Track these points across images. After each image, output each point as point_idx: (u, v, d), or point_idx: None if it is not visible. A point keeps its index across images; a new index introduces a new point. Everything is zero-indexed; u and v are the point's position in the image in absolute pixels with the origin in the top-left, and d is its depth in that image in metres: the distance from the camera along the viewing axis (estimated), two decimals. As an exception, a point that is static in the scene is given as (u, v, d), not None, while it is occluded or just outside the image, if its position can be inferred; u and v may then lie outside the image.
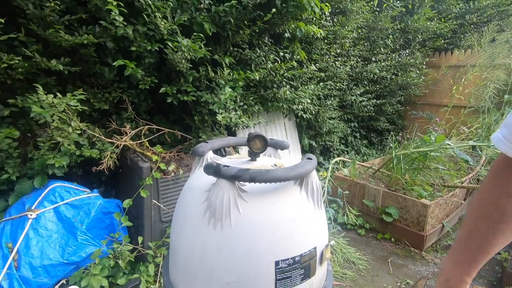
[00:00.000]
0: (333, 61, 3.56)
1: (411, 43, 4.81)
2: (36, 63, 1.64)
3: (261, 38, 2.60)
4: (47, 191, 1.72)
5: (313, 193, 0.91)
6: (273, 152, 1.23)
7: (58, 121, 1.61)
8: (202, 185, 0.89)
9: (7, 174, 1.74)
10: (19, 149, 1.80)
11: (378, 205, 2.65)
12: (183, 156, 2.16)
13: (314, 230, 0.90)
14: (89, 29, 1.77)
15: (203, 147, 1.05)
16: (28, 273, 1.51)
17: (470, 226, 0.64)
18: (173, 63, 1.93)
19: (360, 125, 4.88)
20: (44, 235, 1.60)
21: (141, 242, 1.85)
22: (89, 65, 1.91)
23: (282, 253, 0.81)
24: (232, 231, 0.79)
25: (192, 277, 0.84)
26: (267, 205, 0.82)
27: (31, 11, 1.56)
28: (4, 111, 1.68)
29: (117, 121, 2.13)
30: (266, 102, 2.82)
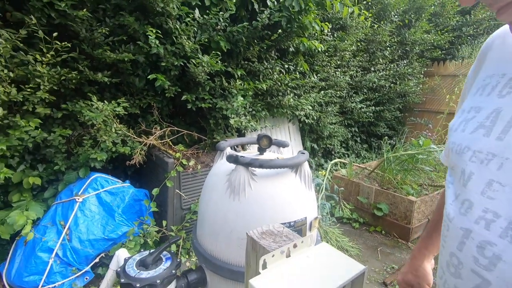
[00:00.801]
0: (333, 72, 3.90)
1: (409, 54, 5.12)
2: (85, 75, 2.02)
3: (269, 53, 2.96)
4: (90, 180, 2.09)
5: (305, 178, 1.25)
6: (277, 149, 1.58)
7: (102, 123, 1.98)
8: (224, 171, 1.24)
9: (57, 166, 2.12)
10: (65, 146, 2.17)
11: (371, 201, 2.97)
12: (200, 154, 2.51)
13: (305, 205, 1.23)
14: (127, 48, 2.15)
15: (224, 144, 1.40)
16: (77, 245, 1.87)
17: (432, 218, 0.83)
18: (194, 75, 2.29)
19: (360, 130, 5.18)
20: (89, 215, 1.97)
21: (165, 225, 2.20)
22: (124, 76, 2.28)
23: (281, 218, 1.14)
24: (246, 202, 1.13)
25: (216, 235, 1.18)
26: (271, 184, 1.16)
27: (84, 35, 1.95)
28: (58, 114, 2.06)
29: (145, 123, 2.50)
30: (272, 108, 3.17)
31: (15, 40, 1.72)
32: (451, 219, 0.50)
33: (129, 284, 0.98)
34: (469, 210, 0.46)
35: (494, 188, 0.43)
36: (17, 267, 1.79)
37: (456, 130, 0.54)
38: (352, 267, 0.58)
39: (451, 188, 0.55)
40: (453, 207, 0.51)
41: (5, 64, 1.73)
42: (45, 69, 1.84)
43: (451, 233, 0.50)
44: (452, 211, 0.50)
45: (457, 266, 0.48)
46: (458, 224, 0.48)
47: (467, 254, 0.46)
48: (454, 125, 0.56)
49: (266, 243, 0.64)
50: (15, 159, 1.98)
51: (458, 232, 0.48)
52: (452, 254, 0.49)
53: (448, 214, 0.52)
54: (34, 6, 1.80)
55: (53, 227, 1.89)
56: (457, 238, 0.48)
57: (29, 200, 2.02)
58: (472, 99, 0.54)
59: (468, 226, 0.46)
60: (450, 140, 0.56)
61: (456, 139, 0.53)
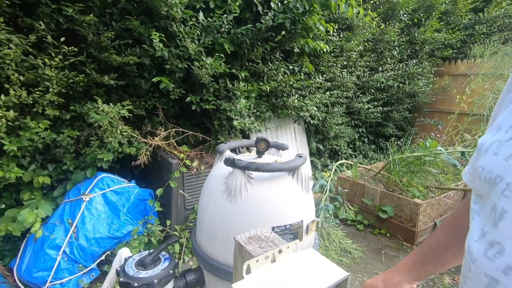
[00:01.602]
0: (340, 72, 3.87)
1: (418, 54, 5.02)
2: (92, 78, 2.08)
3: (273, 54, 2.97)
4: (96, 180, 2.15)
5: (302, 181, 1.25)
6: (276, 152, 1.59)
7: (108, 125, 2.03)
8: (222, 174, 1.26)
9: (66, 165, 2.19)
10: (74, 146, 2.24)
11: (376, 203, 2.94)
12: (204, 155, 2.54)
13: (302, 208, 1.24)
14: (133, 51, 2.20)
15: (223, 146, 1.42)
16: (84, 242, 1.93)
17: (434, 232, 0.73)
18: (198, 77, 2.32)
19: (368, 130, 5.13)
20: (95, 214, 2.02)
21: (168, 225, 2.24)
22: (130, 79, 2.34)
23: (277, 221, 1.15)
24: (242, 205, 1.15)
25: (213, 237, 1.21)
26: (267, 187, 1.17)
27: (91, 39, 2.00)
28: (67, 115, 2.12)
29: (150, 124, 2.55)
30: (276, 109, 3.17)
31: (25, 45, 1.79)
32: (474, 261, 0.44)
33: (128, 283, 1.01)
34: (498, 256, 0.39)
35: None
36: (27, 263, 1.86)
37: (486, 151, 0.45)
38: (335, 273, 0.59)
39: (476, 220, 0.47)
40: (477, 247, 0.43)
41: (16, 68, 1.80)
42: (54, 73, 1.90)
43: (473, 276, 0.44)
44: (476, 251, 0.43)
45: None
46: (482, 270, 0.42)
47: None
48: (485, 144, 0.47)
49: (252, 248, 0.66)
50: (26, 159, 2.06)
51: (482, 279, 0.41)
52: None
53: (471, 253, 0.45)
54: (43, 12, 1.87)
55: (61, 225, 1.95)
56: (481, 286, 0.42)
57: (39, 199, 2.10)
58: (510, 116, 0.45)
59: (495, 275, 0.39)
60: (479, 163, 0.47)
61: (486, 163, 0.44)
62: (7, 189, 2.09)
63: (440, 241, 0.70)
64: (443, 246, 0.68)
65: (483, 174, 0.44)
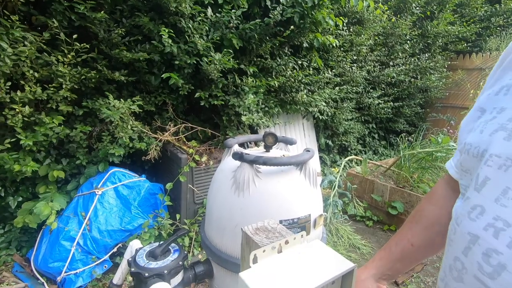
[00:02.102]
0: (349, 67, 3.82)
1: (431, 47, 4.90)
2: (104, 74, 2.12)
3: (282, 49, 2.95)
4: (108, 174, 2.20)
5: (310, 176, 1.26)
6: (284, 147, 1.59)
7: (119, 120, 2.07)
8: (230, 168, 1.27)
9: (79, 160, 2.25)
10: (86, 141, 2.30)
11: (385, 199, 2.91)
12: (213, 150, 2.57)
13: (309, 202, 1.24)
14: (142, 47, 2.23)
15: (231, 141, 1.43)
16: (97, 235, 1.98)
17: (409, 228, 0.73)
18: (207, 73, 2.33)
19: (378, 126, 5.05)
20: (107, 207, 2.08)
21: (178, 218, 2.28)
22: (141, 75, 2.37)
23: (285, 214, 1.16)
24: (250, 198, 1.16)
25: (222, 230, 1.22)
26: (275, 181, 1.18)
27: (102, 35, 2.04)
28: (79, 111, 2.18)
29: (160, 120, 2.59)
30: (285, 104, 3.16)
31: (39, 42, 1.84)
32: (459, 223, 0.49)
33: (139, 273, 1.04)
34: (479, 216, 0.45)
35: (509, 196, 0.41)
36: (43, 254, 1.93)
37: (473, 130, 0.51)
38: (342, 264, 0.59)
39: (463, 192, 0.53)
40: (462, 211, 0.49)
41: (31, 65, 1.85)
42: (67, 69, 1.95)
43: (457, 237, 0.49)
44: (461, 215, 0.49)
45: (460, 271, 0.47)
46: (466, 229, 0.47)
47: (472, 260, 0.45)
48: (469, 125, 0.53)
49: (259, 238, 0.67)
50: (41, 153, 2.13)
51: (465, 237, 0.46)
52: (457, 258, 0.49)
53: (456, 217, 0.51)
54: (56, 10, 1.91)
55: (75, 218, 2.01)
56: (463, 243, 0.47)
57: (54, 192, 2.16)
58: (495, 98, 0.50)
59: (476, 232, 0.45)
60: (466, 141, 0.52)
61: (474, 140, 0.50)
62: (24, 183, 2.17)
63: (420, 236, 0.71)
64: (423, 241, 0.70)
65: (471, 150, 0.49)
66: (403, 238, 0.73)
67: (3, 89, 1.74)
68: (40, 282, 1.91)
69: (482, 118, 0.51)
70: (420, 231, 0.70)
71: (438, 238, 0.67)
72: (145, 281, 1.04)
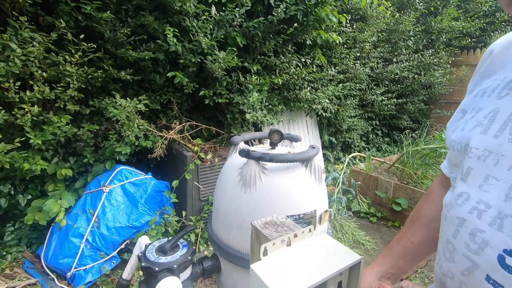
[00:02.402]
0: (352, 64, 3.81)
1: (435, 43, 4.88)
2: (110, 74, 2.15)
3: (285, 47, 2.96)
4: (115, 172, 2.23)
5: (315, 172, 1.27)
6: (289, 144, 1.61)
7: (125, 119, 2.10)
8: (236, 164, 1.29)
9: (86, 158, 2.29)
10: (93, 140, 2.33)
11: (389, 196, 2.92)
12: (217, 147, 2.59)
13: (315, 198, 1.26)
14: (147, 46, 2.25)
15: (237, 138, 1.45)
16: (105, 231, 2.02)
17: (410, 227, 0.78)
18: (211, 71, 2.35)
19: (381, 123, 5.05)
20: (115, 205, 2.11)
21: (184, 215, 2.31)
22: (146, 74, 2.39)
23: (291, 210, 1.18)
24: (257, 194, 1.18)
25: (229, 226, 1.25)
26: (281, 178, 1.20)
27: (108, 35, 2.06)
28: (86, 110, 2.21)
29: (165, 118, 2.62)
30: (289, 102, 3.18)
31: (47, 42, 1.87)
32: (449, 210, 0.54)
33: (149, 267, 1.07)
34: (465, 201, 0.50)
35: (490, 183, 0.47)
36: (53, 250, 1.97)
37: (457, 129, 0.58)
38: (349, 256, 0.62)
39: (452, 184, 0.59)
40: (450, 199, 0.55)
41: (39, 65, 1.89)
42: (74, 69, 1.98)
43: (448, 222, 0.54)
44: (450, 203, 0.55)
45: (452, 252, 0.52)
46: (454, 214, 0.52)
47: (460, 240, 0.50)
48: (453, 125, 0.60)
49: (268, 232, 0.69)
50: (50, 152, 2.16)
51: (454, 221, 0.52)
52: (448, 241, 0.53)
53: (446, 205, 0.56)
54: (63, 10, 1.93)
55: (83, 215, 2.05)
56: (453, 227, 0.52)
57: (62, 190, 2.20)
58: (473, 100, 0.57)
59: (462, 216, 0.50)
60: (451, 139, 0.58)
61: (457, 137, 0.56)
62: (33, 181, 2.21)
63: (419, 233, 0.75)
64: (422, 238, 0.74)
65: (455, 146, 0.56)
66: (403, 236, 0.77)
67: (12, 89, 1.78)
68: (50, 278, 1.96)
69: (464, 118, 0.58)
70: (419, 229, 0.75)
71: (436, 234, 0.70)
72: (156, 275, 1.07)
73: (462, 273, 0.49)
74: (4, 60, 1.72)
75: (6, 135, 1.94)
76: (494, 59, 0.57)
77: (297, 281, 0.53)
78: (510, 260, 0.41)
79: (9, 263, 2.06)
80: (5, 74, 1.72)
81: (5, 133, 1.94)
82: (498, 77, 0.54)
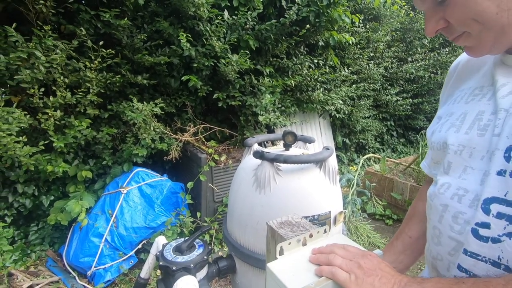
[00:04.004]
0: (366, 64, 3.77)
1: (452, 41, 4.75)
2: (127, 78, 2.22)
3: (297, 48, 2.97)
4: (133, 174, 2.29)
5: (329, 173, 1.27)
6: (303, 145, 1.62)
7: (142, 122, 2.16)
8: (251, 166, 1.31)
9: (105, 161, 2.36)
10: (111, 143, 2.41)
11: (405, 198, 2.86)
12: (231, 149, 2.62)
13: (329, 199, 1.26)
14: (163, 51, 2.31)
15: (251, 140, 1.47)
16: (123, 231, 2.08)
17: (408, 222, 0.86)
18: (224, 74, 2.39)
19: (397, 123, 4.95)
20: (132, 206, 2.17)
21: (199, 216, 2.35)
22: (161, 78, 2.46)
23: (305, 211, 1.19)
24: (271, 195, 1.19)
25: (244, 226, 1.26)
26: (295, 179, 1.21)
27: (125, 41, 2.13)
28: (105, 114, 2.29)
29: (180, 121, 2.67)
30: (301, 103, 3.18)
31: (69, 50, 1.95)
32: (432, 199, 0.61)
33: (167, 266, 1.10)
34: (447, 190, 0.57)
35: (468, 172, 0.54)
36: (74, 249, 2.05)
37: (435, 132, 0.65)
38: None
39: (435, 181, 0.65)
40: (434, 190, 0.61)
41: (61, 72, 1.97)
42: (94, 74, 2.06)
43: (432, 211, 0.61)
44: (433, 193, 0.61)
45: (438, 236, 0.58)
46: (438, 201, 0.58)
47: (445, 224, 0.56)
48: (431, 129, 0.68)
49: (284, 232, 0.70)
50: (71, 155, 2.25)
51: (438, 208, 0.58)
52: (435, 227, 0.59)
53: (429, 196, 0.63)
54: (83, 19, 2.02)
55: (103, 215, 2.12)
56: (438, 213, 0.58)
57: (82, 191, 2.28)
58: (446, 108, 0.66)
59: (445, 202, 0.56)
60: (432, 140, 0.66)
61: (436, 138, 0.64)
62: (55, 183, 2.30)
63: (415, 228, 0.81)
64: (419, 232, 0.80)
65: (435, 145, 0.63)
66: (402, 233, 0.84)
67: (37, 94, 1.87)
68: (72, 276, 2.03)
69: (439, 123, 0.65)
70: (415, 224, 0.82)
71: None
72: (173, 274, 1.09)
73: (449, 253, 0.55)
74: (29, 67, 1.81)
75: (30, 138, 2.04)
76: (460, 73, 0.68)
77: (313, 279, 0.54)
78: (483, 231, 0.49)
79: (33, 261, 2.15)
80: (30, 80, 1.81)
81: (30, 137, 2.04)
82: (465, 87, 0.63)
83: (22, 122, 1.79)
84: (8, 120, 1.73)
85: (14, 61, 1.75)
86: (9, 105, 1.80)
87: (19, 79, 1.78)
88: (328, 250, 0.60)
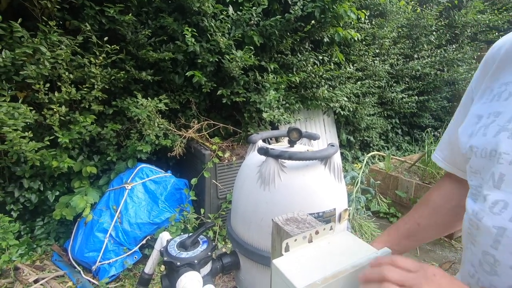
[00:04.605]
0: (371, 61, 3.73)
1: (459, 38, 4.69)
2: (131, 74, 2.22)
3: (302, 45, 2.94)
4: (137, 170, 2.30)
5: (334, 170, 1.26)
6: (308, 142, 1.60)
7: (147, 118, 2.16)
8: (255, 162, 1.30)
9: (109, 157, 2.37)
10: (116, 139, 2.41)
11: (410, 196, 2.84)
12: (235, 146, 2.62)
13: (334, 196, 1.25)
14: (167, 47, 2.30)
15: (255, 137, 1.46)
16: (127, 227, 2.09)
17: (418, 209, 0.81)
18: (228, 70, 2.38)
19: (402, 121, 4.91)
20: (136, 201, 2.18)
21: (203, 213, 2.35)
22: (165, 74, 2.45)
23: (310, 208, 1.18)
24: (276, 192, 1.18)
25: (248, 223, 1.26)
26: (300, 176, 1.20)
27: (130, 37, 2.13)
28: (109, 110, 2.29)
29: (184, 117, 2.67)
30: (306, 100, 3.16)
31: (74, 45, 1.96)
32: (481, 219, 0.51)
33: (171, 262, 1.10)
34: (503, 210, 0.47)
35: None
36: (79, 244, 2.07)
37: (475, 134, 0.56)
38: (371, 253, 0.61)
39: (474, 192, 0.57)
40: (482, 207, 0.52)
41: (66, 67, 1.98)
42: (98, 70, 2.06)
43: (481, 232, 0.51)
44: (481, 211, 0.52)
45: (493, 264, 0.49)
46: (491, 223, 0.49)
47: (504, 251, 0.47)
48: (468, 130, 0.58)
49: (290, 228, 0.70)
50: (76, 150, 2.26)
51: (491, 230, 0.49)
52: (486, 252, 0.51)
53: (475, 214, 0.53)
54: (88, 14, 2.02)
55: (107, 211, 2.13)
56: (491, 237, 0.49)
57: (87, 187, 2.30)
58: (489, 105, 0.56)
59: (502, 225, 0.47)
60: (471, 144, 0.56)
61: (479, 143, 0.54)
62: (60, 178, 2.32)
63: (427, 217, 0.78)
64: (429, 221, 0.77)
65: (478, 152, 0.54)
66: (410, 218, 0.80)
67: (42, 90, 1.87)
68: (77, 271, 2.05)
69: (481, 123, 0.56)
70: (427, 213, 0.77)
71: (441, 220, 0.75)
72: (177, 270, 1.10)
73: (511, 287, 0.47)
74: (35, 63, 1.82)
75: (36, 134, 2.05)
76: (504, 60, 0.55)
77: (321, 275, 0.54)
78: None
79: (39, 255, 2.17)
80: (35, 76, 1.81)
81: (35, 132, 2.05)
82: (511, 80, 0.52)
83: (27, 117, 1.80)
84: (14, 115, 1.74)
85: (19, 57, 1.76)
86: (15, 101, 1.81)
87: (24, 75, 1.79)
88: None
